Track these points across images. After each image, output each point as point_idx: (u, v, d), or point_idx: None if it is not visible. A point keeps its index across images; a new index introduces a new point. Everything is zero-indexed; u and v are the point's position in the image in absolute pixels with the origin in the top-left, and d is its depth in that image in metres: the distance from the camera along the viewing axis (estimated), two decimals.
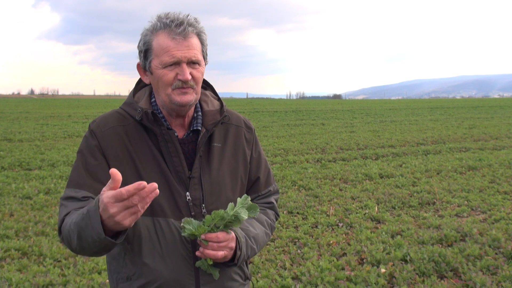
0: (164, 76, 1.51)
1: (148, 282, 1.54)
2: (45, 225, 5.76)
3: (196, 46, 1.53)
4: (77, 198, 1.50)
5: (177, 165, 1.57)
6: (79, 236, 1.37)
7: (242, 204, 1.46)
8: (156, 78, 1.54)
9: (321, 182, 8.57)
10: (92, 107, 45.70)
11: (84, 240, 1.36)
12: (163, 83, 1.53)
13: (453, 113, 32.85)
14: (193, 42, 1.53)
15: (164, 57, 1.50)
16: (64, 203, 1.52)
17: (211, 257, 1.46)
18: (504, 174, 9.07)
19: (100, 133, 1.57)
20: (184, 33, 1.50)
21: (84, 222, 1.33)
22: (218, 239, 1.45)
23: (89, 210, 1.32)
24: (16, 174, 9.08)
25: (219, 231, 1.45)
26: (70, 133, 17.63)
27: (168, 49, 1.50)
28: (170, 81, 1.52)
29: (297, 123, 24.31)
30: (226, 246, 1.47)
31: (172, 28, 1.50)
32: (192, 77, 1.53)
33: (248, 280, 1.75)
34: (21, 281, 4.12)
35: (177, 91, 1.53)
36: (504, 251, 4.83)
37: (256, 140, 1.79)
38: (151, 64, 1.54)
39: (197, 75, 1.55)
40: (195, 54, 1.53)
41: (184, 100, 1.53)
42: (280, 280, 4.21)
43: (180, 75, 1.51)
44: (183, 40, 1.50)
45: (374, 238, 5.35)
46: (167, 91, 1.53)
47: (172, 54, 1.49)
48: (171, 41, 1.50)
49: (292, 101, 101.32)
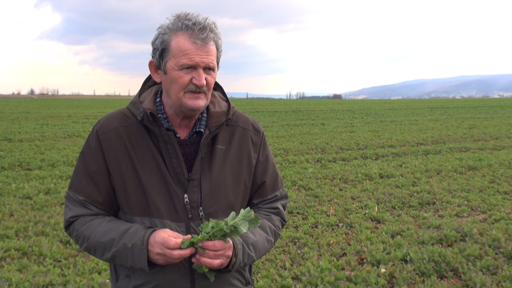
0: (179, 78, 1.51)
1: (145, 282, 1.56)
2: (45, 225, 5.76)
3: (213, 53, 1.53)
4: (78, 201, 1.60)
5: (176, 167, 1.57)
6: (113, 258, 1.53)
7: (243, 216, 1.44)
8: (170, 79, 1.53)
9: (321, 182, 8.57)
10: (92, 107, 45.69)
11: (118, 262, 1.55)
12: (177, 85, 1.52)
13: (453, 113, 32.85)
14: (212, 48, 1.52)
15: (182, 59, 1.49)
16: (68, 204, 1.62)
17: (207, 265, 1.45)
18: (504, 174, 9.06)
19: (102, 134, 1.59)
20: (206, 39, 1.50)
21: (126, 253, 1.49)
22: (215, 248, 1.45)
23: (134, 246, 1.48)
24: (16, 174, 9.08)
25: (217, 240, 1.45)
26: (70, 133, 17.62)
27: (187, 52, 1.49)
28: (184, 84, 1.51)
29: (297, 123, 24.31)
30: (223, 254, 1.46)
31: (195, 31, 1.49)
32: (206, 83, 1.52)
33: (250, 285, 1.73)
34: (21, 281, 4.12)
35: (189, 95, 1.52)
36: (504, 251, 4.83)
37: (265, 143, 1.75)
38: (166, 64, 1.53)
39: (211, 81, 1.55)
40: (213, 61, 1.53)
41: (195, 104, 1.53)
42: (280, 280, 4.21)
43: (195, 79, 1.50)
44: (203, 46, 1.49)
45: (374, 238, 5.34)
46: (179, 93, 1.53)
47: (191, 58, 1.49)
48: (192, 44, 1.49)
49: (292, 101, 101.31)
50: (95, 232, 1.54)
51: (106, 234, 1.52)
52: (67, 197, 1.63)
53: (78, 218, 1.59)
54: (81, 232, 1.57)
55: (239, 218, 1.43)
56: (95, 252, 1.56)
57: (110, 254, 1.52)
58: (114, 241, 1.50)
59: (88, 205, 1.59)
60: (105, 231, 1.53)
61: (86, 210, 1.59)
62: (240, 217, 1.43)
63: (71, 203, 1.61)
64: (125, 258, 1.50)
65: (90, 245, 1.55)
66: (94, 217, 1.59)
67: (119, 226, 1.53)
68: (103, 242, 1.51)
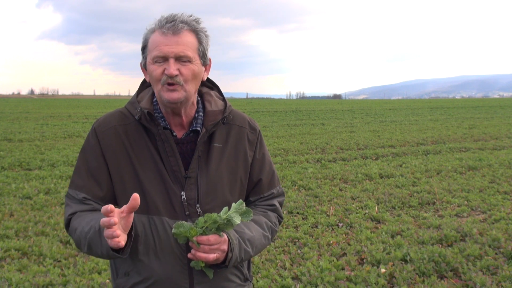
0: (153, 72, 1.53)
1: (143, 279, 1.57)
2: (45, 225, 5.76)
3: (187, 43, 1.52)
4: (78, 199, 1.60)
5: (174, 165, 1.58)
6: (89, 247, 1.49)
7: (236, 208, 1.46)
8: (149, 73, 1.56)
9: (321, 182, 8.57)
10: (92, 107, 45.70)
11: (94, 251, 1.50)
12: (153, 79, 1.55)
13: (453, 113, 32.85)
14: (185, 39, 1.52)
15: (154, 52, 1.52)
16: (68, 202, 1.62)
17: (202, 259, 1.47)
18: (504, 174, 9.07)
19: (101, 133, 1.61)
20: (173, 28, 1.51)
21: (95, 237, 1.45)
22: (209, 242, 1.45)
23: (100, 228, 1.42)
24: (16, 174, 9.09)
25: (211, 234, 1.46)
26: (70, 133, 17.62)
27: (157, 44, 1.52)
28: (158, 76, 1.53)
29: (297, 123, 24.31)
30: (217, 248, 1.47)
31: (164, 24, 1.52)
32: (180, 74, 1.51)
33: (249, 281, 1.75)
34: (21, 281, 4.12)
35: (165, 88, 1.53)
36: (504, 251, 4.83)
37: (261, 142, 1.77)
38: (146, 61, 1.57)
39: (186, 72, 1.53)
40: (183, 50, 1.51)
41: (171, 97, 1.53)
42: (280, 280, 4.21)
43: (166, 70, 1.51)
44: (172, 36, 1.51)
45: (374, 238, 5.34)
46: (157, 87, 1.55)
47: (160, 49, 1.51)
48: (161, 36, 1.52)
49: (292, 101, 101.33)
50: (82, 223, 1.52)
51: (89, 223, 1.50)
52: (67, 196, 1.63)
53: (76, 213, 1.60)
54: (73, 225, 1.56)
55: (231, 211, 1.45)
56: (80, 244, 1.53)
57: (87, 243, 1.49)
58: (91, 227, 1.47)
59: (89, 202, 1.59)
60: (89, 220, 1.51)
61: (86, 206, 1.60)
62: (233, 209, 1.46)
63: (71, 201, 1.62)
64: (96, 245, 1.46)
65: (76, 237, 1.53)
66: (90, 212, 1.58)
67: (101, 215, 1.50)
68: (85, 232, 1.49)
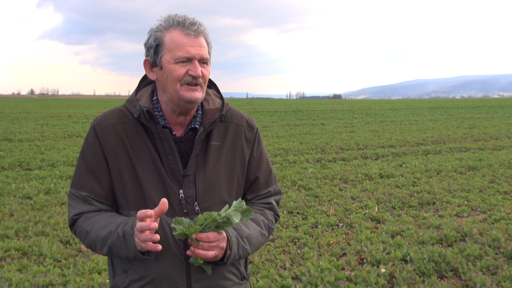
0: (175, 71, 1.54)
1: (141, 276, 1.59)
2: (45, 225, 5.76)
3: (205, 46, 1.58)
4: (80, 198, 1.61)
5: (172, 163, 1.59)
6: (110, 250, 1.53)
7: (236, 207, 1.47)
8: (166, 72, 1.56)
9: (321, 182, 8.57)
10: (92, 107, 45.69)
11: (115, 253, 1.54)
12: (173, 78, 1.55)
13: (453, 113, 32.85)
14: (203, 41, 1.57)
15: (177, 52, 1.53)
16: (71, 202, 1.64)
17: (202, 256, 1.48)
18: (504, 174, 9.07)
19: (99, 130, 1.62)
20: (198, 31, 1.55)
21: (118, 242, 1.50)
22: (209, 239, 1.47)
23: (125, 233, 1.48)
24: (16, 174, 9.09)
25: (210, 231, 1.47)
26: (70, 133, 17.63)
27: (182, 44, 1.53)
28: (180, 76, 1.54)
29: (297, 123, 24.31)
30: (216, 246, 1.49)
31: (186, 25, 1.54)
32: (202, 75, 1.56)
33: (246, 280, 1.75)
34: (21, 281, 4.12)
35: (185, 87, 1.55)
36: (504, 251, 4.83)
37: (259, 140, 1.78)
38: (162, 59, 1.56)
39: (206, 73, 1.59)
40: (206, 53, 1.57)
41: (192, 96, 1.56)
42: (280, 280, 4.21)
43: (191, 71, 1.54)
44: (195, 38, 1.54)
45: (374, 238, 5.34)
46: (176, 86, 1.56)
47: (187, 50, 1.53)
48: (185, 37, 1.53)
49: (292, 101, 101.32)
50: (95, 227, 1.55)
51: (105, 227, 1.54)
52: (70, 195, 1.65)
53: (82, 215, 1.61)
54: (83, 228, 1.58)
55: (231, 210, 1.46)
56: (95, 247, 1.57)
57: (107, 247, 1.53)
58: (111, 233, 1.52)
59: (91, 201, 1.61)
60: (105, 225, 1.54)
61: (89, 206, 1.61)
62: (233, 208, 1.47)
63: (74, 201, 1.63)
64: (119, 248, 1.50)
65: (91, 240, 1.57)
66: (97, 213, 1.61)
67: (117, 219, 1.56)
68: (102, 236, 1.53)
